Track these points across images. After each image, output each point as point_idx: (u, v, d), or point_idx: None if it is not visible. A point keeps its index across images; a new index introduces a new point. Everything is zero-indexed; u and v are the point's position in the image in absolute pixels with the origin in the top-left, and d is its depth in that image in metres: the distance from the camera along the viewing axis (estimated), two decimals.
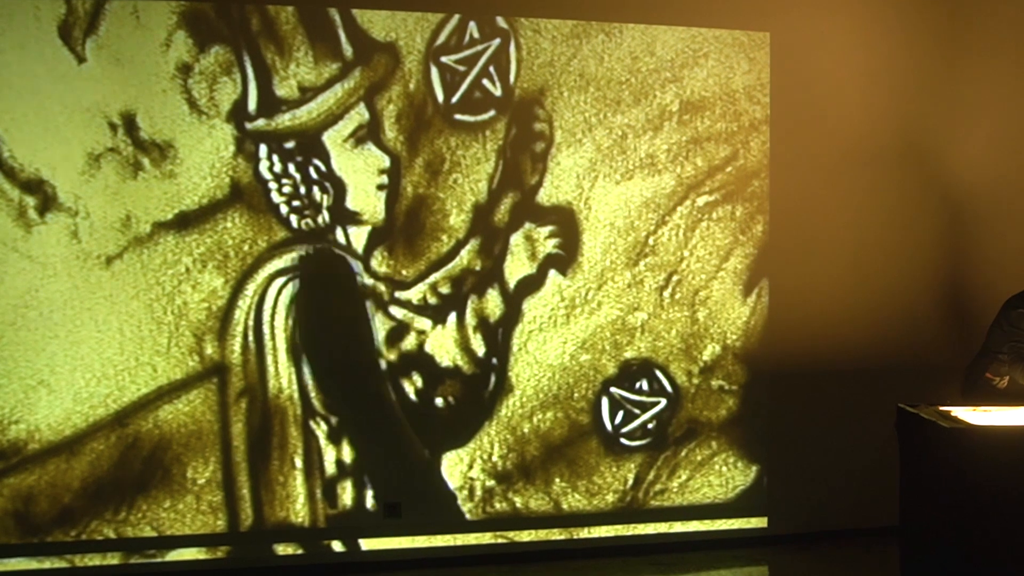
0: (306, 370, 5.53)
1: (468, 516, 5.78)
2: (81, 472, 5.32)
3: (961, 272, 6.45)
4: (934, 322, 6.39)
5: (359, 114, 5.56)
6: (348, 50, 5.54)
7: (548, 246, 5.83)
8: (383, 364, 5.65)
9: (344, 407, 5.61)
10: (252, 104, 5.44)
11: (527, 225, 5.79)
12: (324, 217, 5.54)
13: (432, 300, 5.68)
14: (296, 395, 5.52)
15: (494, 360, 5.78)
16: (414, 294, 5.67)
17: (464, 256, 5.71)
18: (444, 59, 5.66)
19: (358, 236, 5.58)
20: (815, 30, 6.15)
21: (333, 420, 5.58)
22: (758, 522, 6.17)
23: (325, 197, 5.54)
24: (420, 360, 5.68)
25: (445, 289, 5.70)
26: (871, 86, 6.24)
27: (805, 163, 6.15)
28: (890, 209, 6.29)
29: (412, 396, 5.69)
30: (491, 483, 5.79)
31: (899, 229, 6.31)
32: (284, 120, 5.48)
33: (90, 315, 5.29)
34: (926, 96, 6.35)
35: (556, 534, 5.89)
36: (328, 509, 5.61)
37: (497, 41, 5.73)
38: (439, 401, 5.72)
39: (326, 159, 5.53)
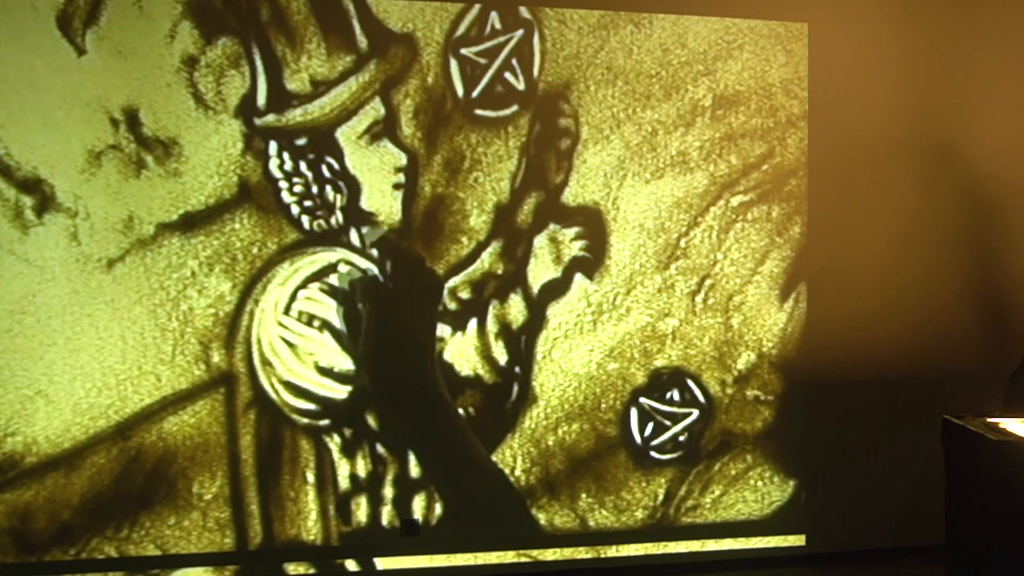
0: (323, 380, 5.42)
1: (489, 533, 5.63)
2: (81, 487, 5.19)
3: (1010, 276, 6.31)
4: (983, 329, 6.24)
5: (374, 109, 5.41)
6: (363, 42, 5.40)
7: (574, 248, 5.68)
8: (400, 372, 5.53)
9: (359, 418, 5.47)
10: (261, 99, 5.30)
11: (552, 226, 5.65)
12: (337, 218, 5.40)
13: (451, 305, 5.54)
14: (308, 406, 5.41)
15: (517, 369, 5.63)
16: None
17: (485, 259, 5.57)
18: (464, 51, 5.52)
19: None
20: (855, 21, 6.00)
21: (347, 432, 5.45)
22: (796, 540, 6.04)
23: (338, 197, 5.39)
24: (439, 369, 5.56)
25: (465, 294, 5.55)
26: (916, 79, 6.08)
27: (845, 161, 6.00)
28: (935, 209, 6.14)
29: None
30: None
31: (945, 230, 6.16)
32: (295, 115, 5.34)
33: (90, 321, 5.16)
34: (974, 90, 6.19)
35: (582, 552, 5.76)
36: (342, 526, 5.47)
37: (520, 32, 5.59)
38: (459, 412, 5.57)
39: (339, 157, 5.39)
